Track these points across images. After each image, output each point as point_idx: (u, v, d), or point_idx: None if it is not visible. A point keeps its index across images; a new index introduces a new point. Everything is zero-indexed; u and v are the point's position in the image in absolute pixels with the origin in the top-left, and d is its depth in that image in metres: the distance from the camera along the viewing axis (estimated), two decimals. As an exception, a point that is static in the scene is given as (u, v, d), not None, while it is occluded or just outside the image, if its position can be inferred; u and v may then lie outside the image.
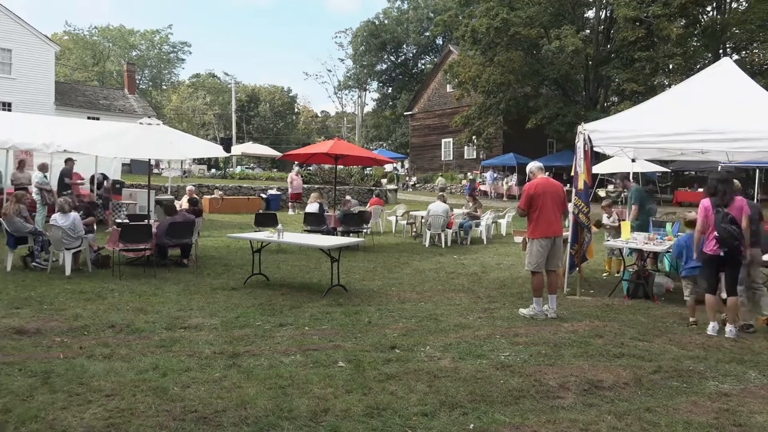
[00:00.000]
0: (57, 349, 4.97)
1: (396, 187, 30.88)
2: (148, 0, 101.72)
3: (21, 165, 13.39)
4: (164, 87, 63.53)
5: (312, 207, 12.66)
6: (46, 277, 8.12)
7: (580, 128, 7.82)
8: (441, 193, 14.04)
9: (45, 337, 5.31)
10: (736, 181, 6.48)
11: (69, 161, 12.78)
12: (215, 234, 13.36)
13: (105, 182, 14.63)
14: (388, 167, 37.31)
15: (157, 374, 4.37)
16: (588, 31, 28.69)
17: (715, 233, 5.77)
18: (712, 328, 5.88)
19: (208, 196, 19.58)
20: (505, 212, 16.34)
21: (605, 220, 9.74)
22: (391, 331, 5.76)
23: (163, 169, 27.44)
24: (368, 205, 17.94)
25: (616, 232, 9.19)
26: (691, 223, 6.60)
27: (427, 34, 52.32)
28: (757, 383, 4.52)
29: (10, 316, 5.93)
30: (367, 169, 31.30)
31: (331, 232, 11.58)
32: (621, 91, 26.84)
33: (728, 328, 5.83)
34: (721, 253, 5.75)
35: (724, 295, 6.04)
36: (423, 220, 13.36)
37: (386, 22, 56.06)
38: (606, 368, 4.75)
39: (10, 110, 24.65)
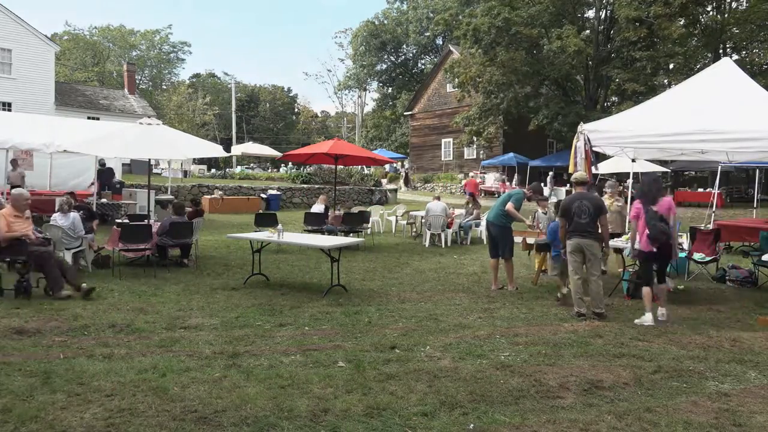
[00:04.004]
0: (57, 349, 4.97)
1: (396, 187, 30.89)
2: (148, 0, 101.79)
3: (14, 164, 13.48)
4: (164, 87, 63.52)
5: (317, 207, 12.80)
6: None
7: (580, 128, 7.81)
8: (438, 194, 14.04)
9: (45, 337, 5.30)
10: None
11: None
12: (215, 234, 13.35)
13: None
14: (388, 167, 37.34)
15: (157, 374, 4.37)
16: (588, 31, 28.69)
17: (647, 231, 6.31)
18: (648, 318, 6.22)
19: (208, 196, 19.59)
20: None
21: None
22: (391, 331, 5.76)
23: (163, 169, 27.43)
24: (464, 186, 19.50)
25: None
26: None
27: (427, 34, 52.32)
28: (757, 383, 4.52)
29: (10, 316, 5.93)
30: (366, 168, 31.30)
31: (334, 231, 11.59)
32: (622, 92, 26.85)
33: (660, 311, 6.36)
34: (654, 249, 6.32)
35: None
36: (422, 220, 13.37)
37: (386, 22, 56.07)
38: (606, 368, 4.75)
39: (10, 110, 24.64)
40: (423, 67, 55.81)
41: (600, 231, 6.68)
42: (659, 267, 6.61)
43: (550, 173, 28.29)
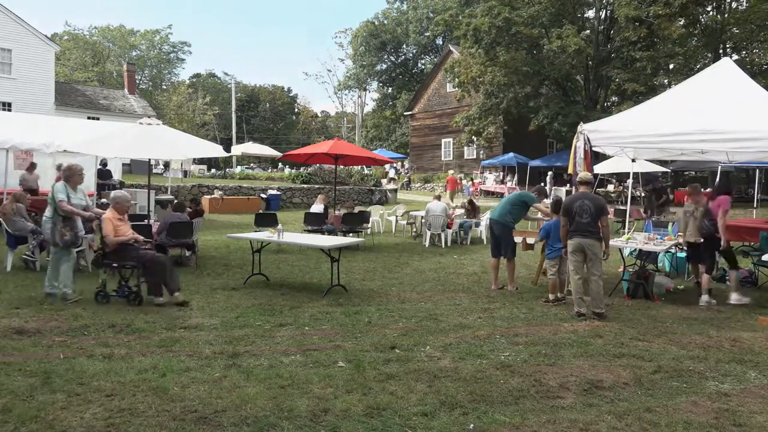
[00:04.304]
0: (57, 349, 4.97)
1: (396, 187, 30.90)
2: (148, 0, 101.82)
3: (31, 167, 13.63)
4: (164, 87, 63.54)
5: (317, 207, 12.81)
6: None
7: (579, 128, 7.81)
8: (438, 194, 14.06)
9: (45, 337, 5.31)
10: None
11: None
12: (215, 234, 13.35)
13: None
14: (388, 167, 37.34)
15: (157, 374, 4.37)
16: (588, 31, 28.69)
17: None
18: (704, 299, 7.30)
19: (208, 196, 19.59)
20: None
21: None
22: (391, 331, 5.76)
23: (163, 169, 27.44)
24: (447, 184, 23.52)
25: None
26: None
27: (427, 34, 52.34)
28: (757, 383, 4.52)
29: (10, 316, 5.93)
30: (366, 168, 31.31)
31: (334, 231, 11.60)
32: (622, 92, 26.85)
33: (703, 298, 7.26)
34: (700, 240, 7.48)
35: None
36: (422, 220, 13.37)
37: (386, 22, 56.10)
38: (606, 368, 4.75)
39: (10, 110, 24.66)
40: (423, 67, 55.83)
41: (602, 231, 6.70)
42: (709, 257, 7.57)
43: (550, 173, 28.30)
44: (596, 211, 6.57)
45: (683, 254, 9.38)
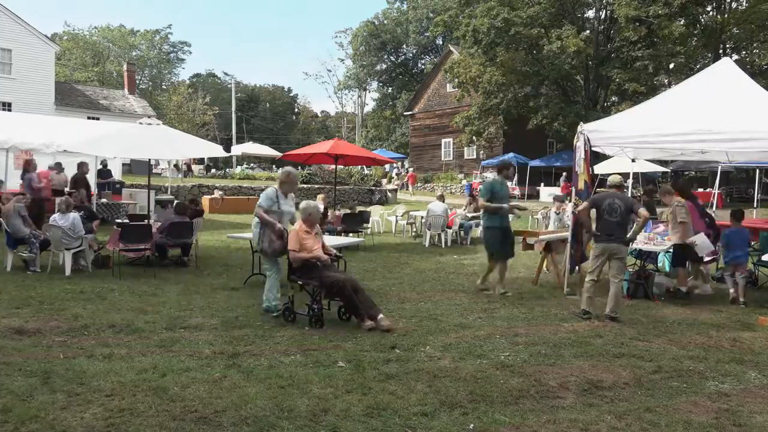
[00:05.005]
0: (57, 349, 4.97)
1: (396, 187, 30.91)
2: (148, 0, 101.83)
3: (58, 167, 13.64)
4: (164, 87, 63.55)
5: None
6: (46, 277, 8.11)
7: (580, 128, 7.81)
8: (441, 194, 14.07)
9: (45, 337, 5.30)
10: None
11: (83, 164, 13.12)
12: (215, 234, 13.34)
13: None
14: (388, 168, 37.37)
15: (157, 374, 4.37)
16: (588, 31, 28.68)
17: None
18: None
19: (208, 196, 19.59)
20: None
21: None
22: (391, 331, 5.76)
23: (163, 169, 27.40)
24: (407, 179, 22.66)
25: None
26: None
27: (427, 34, 52.38)
28: (757, 383, 4.52)
29: (10, 316, 5.92)
30: (366, 168, 31.31)
31: (332, 231, 11.59)
32: (622, 92, 26.84)
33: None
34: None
35: None
36: (423, 220, 13.37)
37: (386, 22, 56.13)
38: (606, 368, 4.75)
39: (10, 110, 24.65)
40: (423, 67, 55.86)
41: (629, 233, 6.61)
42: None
43: (564, 174, 28.21)
44: (626, 211, 6.49)
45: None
